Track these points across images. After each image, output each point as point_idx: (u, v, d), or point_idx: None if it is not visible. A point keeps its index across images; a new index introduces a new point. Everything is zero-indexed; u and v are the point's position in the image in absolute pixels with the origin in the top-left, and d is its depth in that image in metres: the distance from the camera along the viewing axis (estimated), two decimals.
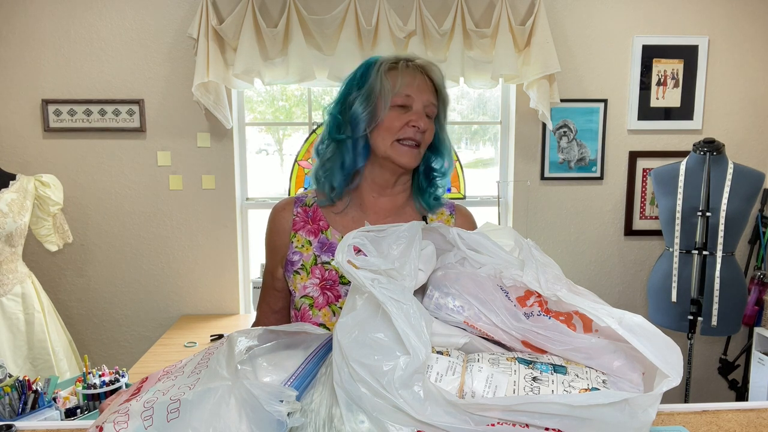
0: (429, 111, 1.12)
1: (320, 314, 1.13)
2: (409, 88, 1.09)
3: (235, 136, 2.81)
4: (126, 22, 2.64)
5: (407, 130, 1.09)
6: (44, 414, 1.54)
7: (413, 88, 1.09)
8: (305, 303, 1.14)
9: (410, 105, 1.10)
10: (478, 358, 0.72)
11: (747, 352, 2.86)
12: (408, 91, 1.09)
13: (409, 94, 1.09)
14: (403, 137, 1.09)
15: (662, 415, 1.02)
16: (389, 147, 1.10)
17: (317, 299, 1.14)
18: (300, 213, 1.19)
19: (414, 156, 1.11)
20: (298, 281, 1.15)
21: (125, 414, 0.68)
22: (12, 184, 2.29)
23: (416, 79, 1.10)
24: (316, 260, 1.15)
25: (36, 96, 2.66)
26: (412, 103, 1.10)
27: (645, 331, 0.65)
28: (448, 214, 1.22)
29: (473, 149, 3.08)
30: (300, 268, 1.15)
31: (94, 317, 2.83)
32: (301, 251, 1.16)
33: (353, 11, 2.53)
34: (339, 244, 0.77)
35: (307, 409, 0.71)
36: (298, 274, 1.15)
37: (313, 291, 1.14)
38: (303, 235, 1.17)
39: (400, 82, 1.09)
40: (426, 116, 1.11)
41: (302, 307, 1.15)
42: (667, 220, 2.51)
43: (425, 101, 1.10)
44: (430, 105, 1.12)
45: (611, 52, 2.80)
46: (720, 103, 2.85)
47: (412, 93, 1.09)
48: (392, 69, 1.11)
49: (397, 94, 1.09)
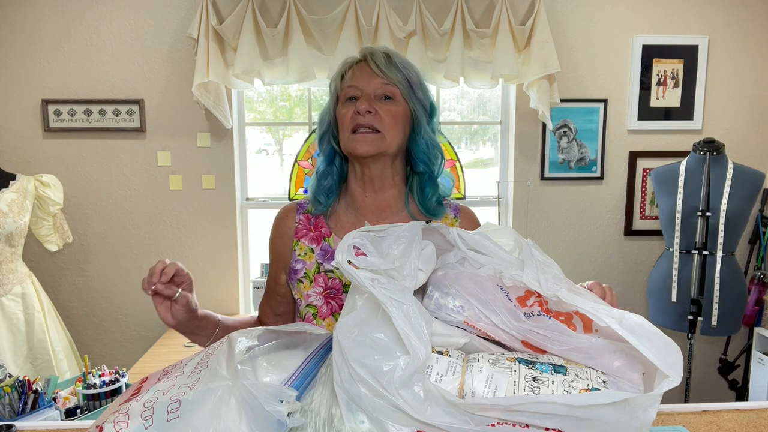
0: (385, 91, 1.09)
1: (324, 324, 1.13)
2: (354, 80, 1.10)
3: (235, 136, 2.81)
4: (126, 22, 2.64)
5: (356, 118, 1.07)
6: (44, 414, 1.54)
7: (358, 78, 1.10)
8: (309, 312, 1.14)
9: (358, 95, 1.09)
10: (478, 358, 0.72)
11: (747, 352, 2.86)
12: (352, 81, 1.10)
13: (353, 85, 1.10)
14: (354, 126, 1.08)
15: (662, 415, 1.02)
16: (347, 142, 1.09)
17: (321, 308, 1.13)
18: (302, 220, 1.18)
19: (369, 142, 1.07)
20: (302, 289, 1.15)
21: (125, 414, 0.68)
22: (12, 184, 2.29)
23: (364, 69, 1.10)
24: (318, 268, 1.14)
25: (36, 96, 2.66)
26: (359, 93, 1.09)
27: (645, 331, 0.65)
28: (453, 218, 1.18)
29: (473, 149, 3.08)
30: (303, 277, 1.15)
31: (94, 317, 2.83)
32: (303, 259, 1.15)
33: (353, 11, 2.53)
34: (339, 244, 0.77)
35: (307, 409, 0.71)
36: (302, 283, 1.15)
37: (316, 300, 1.13)
38: (305, 243, 1.16)
39: (348, 77, 1.11)
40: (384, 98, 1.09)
41: (306, 315, 1.14)
42: (667, 220, 2.51)
43: (374, 85, 1.09)
44: (382, 87, 1.09)
45: (611, 52, 2.80)
46: (720, 103, 2.85)
47: (356, 83, 1.09)
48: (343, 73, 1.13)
49: (344, 89, 1.11)
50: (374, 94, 1.09)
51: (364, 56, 1.13)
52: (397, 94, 1.10)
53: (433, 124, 1.17)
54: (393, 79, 1.09)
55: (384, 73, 1.09)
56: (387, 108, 1.08)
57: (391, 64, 1.10)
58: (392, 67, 1.10)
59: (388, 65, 1.09)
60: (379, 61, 1.10)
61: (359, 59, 1.14)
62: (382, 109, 1.08)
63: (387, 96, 1.09)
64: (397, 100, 1.10)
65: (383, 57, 1.10)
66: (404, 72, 1.11)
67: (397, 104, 1.10)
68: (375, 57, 1.10)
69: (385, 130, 1.07)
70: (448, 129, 2.93)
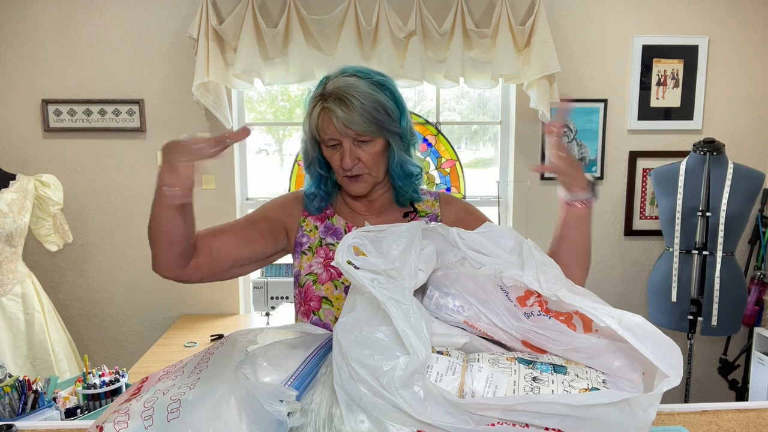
0: (360, 138, 1.11)
1: (323, 288, 1.19)
2: (329, 131, 1.10)
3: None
4: (126, 22, 2.64)
5: (341, 169, 1.13)
6: (44, 414, 1.54)
7: (333, 131, 1.10)
8: (309, 279, 1.21)
9: (338, 142, 1.12)
10: (478, 358, 0.72)
11: (747, 352, 2.86)
12: (328, 134, 1.11)
13: (331, 137, 1.11)
14: (344, 174, 1.15)
15: (662, 415, 1.02)
16: (342, 180, 1.18)
17: (321, 275, 1.21)
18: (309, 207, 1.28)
19: (360, 186, 1.16)
20: (304, 261, 1.22)
21: (125, 414, 0.68)
22: (12, 184, 2.29)
23: (333, 119, 1.08)
24: (321, 242, 1.23)
25: (36, 96, 2.66)
26: (338, 141, 1.12)
27: (645, 331, 0.65)
28: (433, 200, 1.27)
29: (473, 149, 3.08)
30: (307, 249, 1.23)
31: (94, 317, 2.83)
32: (309, 234, 1.24)
33: (353, 11, 2.53)
34: (339, 245, 0.77)
35: (307, 409, 0.71)
36: (305, 255, 1.23)
37: (317, 268, 1.21)
38: (311, 221, 1.25)
39: (319, 127, 1.11)
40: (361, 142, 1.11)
41: (306, 283, 1.21)
42: (667, 220, 2.51)
43: (351, 136, 1.09)
44: (358, 136, 1.10)
45: (611, 52, 2.80)
46: (720, 103, 2.85)
47: (333, 135, 1.11)
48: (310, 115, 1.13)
49: (323, 141, 1.14)
50: (352, 140, 1.11)
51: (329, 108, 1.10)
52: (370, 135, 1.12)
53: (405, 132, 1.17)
54: (360, 129, 1.09)
55: (349, 127, 1.08)
56: (367, 151, 1.13)
57: (352, 114, 1.07)
58: (355, 116, 1.08)
59: (349, 117, 1.07)
60: (338, 116, 1.07)
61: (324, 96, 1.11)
62: (363, 154, 1.12)
63: (363, 140, 1.12)
64: (374, 139, 1.13)
65: (341, 111, 1.07)
66: (368, 114, 1.09)
67: (375, 143, 1.13)
68: (333, 113, 1.08)
69: (371, 170, 1.15)
70: (448, 129, 2.93)
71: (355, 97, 1.08)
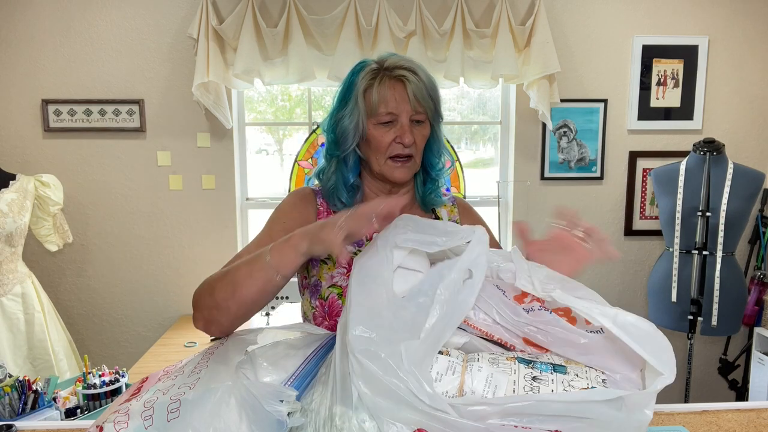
0: (418, 117, 1.10)
1: None
2: (390, 104, 1.07)
3: (235, 136, 2.81)
4: (126, 22, 2.64)
5: (395, 147, 1.09)
6: (44, 414, 1.54)
7: (394, 103, 1.07)
8: (333, 292, 1.11)
9: (395, 120, 1.09)
10: (478, 358, 0.72)
11: (747, 352, 2.86)
12: (389, 107, 1.07)
13: (390, 111, 1.07)
14: (393, 154, 1.10)
15: (662, 415, 1.02)
16: (383, 165, 1.11)
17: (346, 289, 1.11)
18: (323, 203, 1.19)
19: (406, 170, 1.12)
20: (324, 271, 1.13)
21: (125, 414, 0.68)
22: (12, 184, 2.29)
23: (396, 91, 1.07)
24: None
25: (36, 96, 2.66)
26: (396, 119, 1.08)
27: (638, 330, 0.65)
28: (451, 205, 1.27)
29: (473, 149, 3.08)
30: (327, 258, 1.13)
31: (94, 317, 2.83)
32: None
33: (353, 11, 2.53)
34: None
35: (307, 408, 0.71)
36: (326, 264, 1.13)
37: (341, 280, 1.12)
38: None
39: (380, 99, 1.07)
40: (415, 123, 1.10)
41: (330, 296, 1.11)
42: (667, 220, 2.51)
43: (409, 112, 1.08)
44: (416, 113, 1.09)
45: (611, 52, 2.80)
46: (720, 103, 2.85)
47: (393, 109, 1.07)
48: (369, 87, 1.09)
49: (378, 114, 1.08)
50: (409, 119, 1.09)
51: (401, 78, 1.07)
52: (425, 118, 1.12)
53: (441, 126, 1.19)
54: (426, 108, 1.09)
55: (421, 104, 1.08)
56: (420, 133, 1.11)
57: (421, 86, 1.08)
58: (423, 90, 1.08)
59: (420, 88, 1.07)
60: (418, 92, 1.07)
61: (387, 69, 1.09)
62: (417, 135, 1.10)
63: (418, 120, 1.10)
64: (426, 123, 1.12)
65: (415, 80, 1.07)
66: (432, 92, 1.10)
67: (426, 126, 1.13)
68: (407, 81, 1.07)
69: (417, 154, 1.12)
70: (448, 129, 2.93)
71: (423, 71, 1.10)
